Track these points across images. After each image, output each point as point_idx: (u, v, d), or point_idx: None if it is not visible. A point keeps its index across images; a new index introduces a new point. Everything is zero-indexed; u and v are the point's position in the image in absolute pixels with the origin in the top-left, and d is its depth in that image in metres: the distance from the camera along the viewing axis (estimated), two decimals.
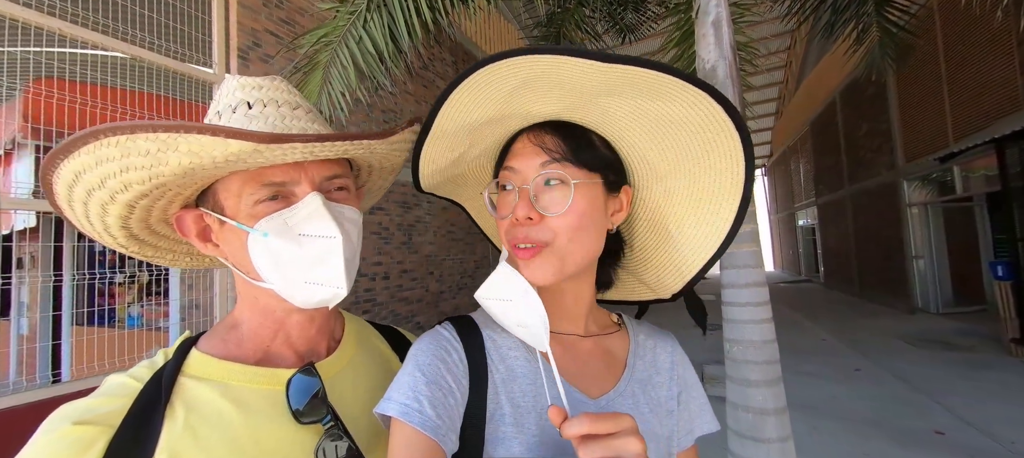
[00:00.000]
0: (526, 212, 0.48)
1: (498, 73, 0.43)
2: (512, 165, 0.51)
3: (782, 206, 19.57)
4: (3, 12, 2.21)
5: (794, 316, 8.47)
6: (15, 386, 2.40)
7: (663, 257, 0.59)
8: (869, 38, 3.30)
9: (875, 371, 4.80)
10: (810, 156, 13.94)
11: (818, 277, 14.53)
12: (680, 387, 0.59)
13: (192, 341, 0.51)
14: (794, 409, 3.61)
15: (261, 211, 0.46)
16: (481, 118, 0.49)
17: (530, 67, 0.43)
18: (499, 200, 0.53)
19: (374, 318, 4.72)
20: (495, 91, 0.46)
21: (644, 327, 0.63)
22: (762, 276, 1.88)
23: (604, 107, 0.49)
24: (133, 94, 2.66)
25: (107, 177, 0.42)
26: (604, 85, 0.45)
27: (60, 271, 3.75)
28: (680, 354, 0.61)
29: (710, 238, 0.55)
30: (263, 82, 0.51)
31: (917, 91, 7.62)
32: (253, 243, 0.47)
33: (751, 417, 1.81)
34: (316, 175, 0.49)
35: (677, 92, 0.45)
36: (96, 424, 0.40)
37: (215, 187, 0.48)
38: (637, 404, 0.54)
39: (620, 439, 0.35)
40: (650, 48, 4.61)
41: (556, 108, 0.49)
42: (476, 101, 0.47)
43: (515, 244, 0.49)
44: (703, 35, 1.94)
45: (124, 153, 0.39)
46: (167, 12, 2.88)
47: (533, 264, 0.48)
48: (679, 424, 0.57)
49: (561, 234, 0.48)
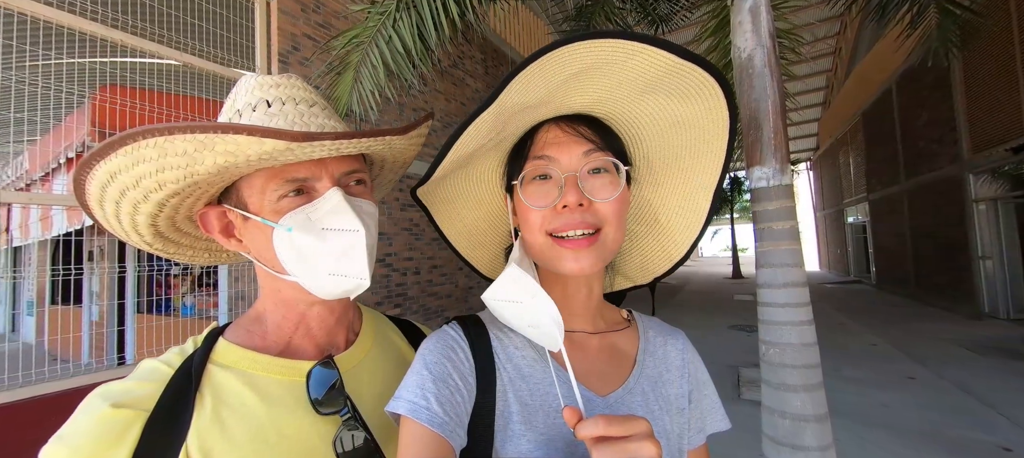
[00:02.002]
0: (577, 198, 0.47)
1: (574, 54, 0.43)
2: (549, 154, 0.50)
3: (829, 202, 18.38)
4: (73, 25, 2.42)
5: (840, 318, 7.97)
6: (86, 367, 2.65)
7: (652, 244, 0.63)
8: (925, 20, 3.03)
9: (932, 380, 4.44)
10: (862, 148, 13.02)
11: (869, 278, 13.59)
12: (691, 385, 0.59)
13: (219, 331, 0.53)
14: (838, 417, 3.42)
15: (285, 206, 0.48)
16: (532, 101, 0.48)
17: (604, 52, 0.43)
18: (532, 190, 0.51)
19: (405, 312, 4.82)
20: (557, 75, 0.45)
21: (654, 324, 0.63)
22: (802, 276, 1.78)
23: (635, 104, 0.51)
24: (185, 98, 2.86)
25: (143, 177, 0.44)
26: (653, 81, 0.47)
27: (124, 263, 4.09)
28: (691, 351, 0.61)
29: (694, 221, 0.59)
30: (280, 80, 0.53)
31: (986, 76, 6.93)
32: (278, 238, 0.48)
33: (788, 423, 1.73)
34: (336, 170, 0.51)
35: (709, 96, 0.48)
36: (132, 408, 0.42)
37: (238, 184, 0.50)
38: (647, 402, 0.54)
39: (635, 442, 0.35)
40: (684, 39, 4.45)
41: (589, 100, 0.51)
42: (541, 81, 0.45)
43: (560, 232, 0.48)
44: (739, 23, 1.85)
45: (161, 153, 0.41)
46: (215, 21, 3.06)
47: (585, 254, 0.48)
48: (690, 422, 0.57)
49: (610, 219, 0.49)
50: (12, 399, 2.21)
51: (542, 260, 0.51)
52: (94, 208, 0.48)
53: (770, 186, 1.77)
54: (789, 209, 1.78)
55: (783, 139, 1.78)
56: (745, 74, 1.82)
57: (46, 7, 2.36)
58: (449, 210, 0.62)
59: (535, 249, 0.51)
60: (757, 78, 1.79)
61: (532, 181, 0.51)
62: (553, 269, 0.50)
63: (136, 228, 0.51)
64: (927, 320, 7.50)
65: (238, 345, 0.51)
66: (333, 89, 3.01)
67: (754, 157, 1.80)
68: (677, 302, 10.54)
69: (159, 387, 0.45)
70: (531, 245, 0.51)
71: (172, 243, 0.57)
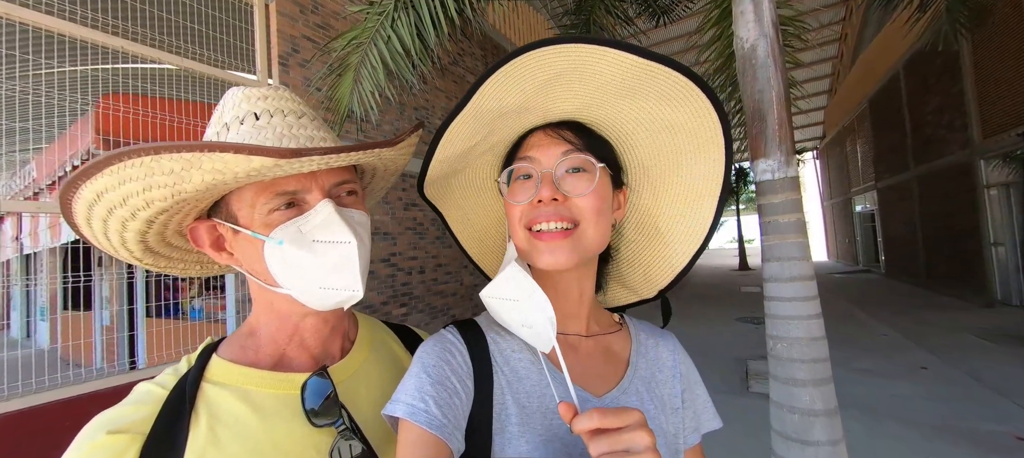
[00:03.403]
0: (551, 193, 0.50)
1: (542, 59, 0.45)
2: (532, 154, 0.53)
3: (836, 191, 18.18)
4: (74, 34, 2.44)
5: (850, 309, 7.89)
6: (99, 372, 2.69)
7: (653, 254, 0.63)
8: (935, 2, 2.97)
9: (944, 369, 4.38)
10: (869, 136, 12.84)
11: (878, 267, 13.44)
12: (684, 385, 0.60)
13: (213, 347, 0.53)
14: (849, 409, 3.39)
15: (276, 220, 0.48)
16: (511, 105, 0.50)
17: (572, 57, 0.45)
18: (516, 188, 0.54)
19: (411, 311, 4.83)
20: (531, 81, 0.47)
21: (644, 326, 0.64)
22: (809, 269, 1.75)
23: (619, 109, 0.52)
24: (186, 104, 2.87)
25: (129, 196, 0.43)
26: (630, 85, 0.48)
27: (132, 269, 4.13)
28: (681, 352, 0.63)
29: (696, 230, 0.59)
30: (268, 92, 0.52)
31: (997, 59, 6.79)
32: (269, 251, 0.48)
33: (797, 418, 1.71)
34: (326, 182, 0.50)
35: (693, 99, 0.49)
36: (128, 432, 0.42)
37: (228, 198, 0.50)
38: (643, 402, 0.55)
39: (629, 432, 0.35)
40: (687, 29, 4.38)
41: (574, 106, 0.53)
42: (515, 86, 0.48)
43: (535, 225, 0.50)
44: (741, 12, 1.81)
45: (148, 172, 0.41)
46: (215, 25, 3.06)
47: (559, 247, 0.49)
48: (685, 422, 0.58)
49: (586, 214, 0.50)
50: (28, 405, 2.25)
51: (524, 256, 0.52)
52: (81, 226, 0.49)
53: (775, 179, 1.74)
54: (795, 202, 1.75)
55: (788, 131, 1.75)
56: (748, 65, 1.79)
57: (47, 16, 2.37)
58: (460, 215, 0.66)
59: (518, 245, 0.53)
60: (760, 69, 1.75)
61: (516, 180, 0.54)
62: (532, 264, 0.52)
63: (125, 244, 0.51)
64: (938, 309, 7.41)
65: (231, 361, 0.51)
66: (333, 91, 3.00)
67: (758, 150, 1.77)
68: (683, 295, 10.49)
69: (154, 409, 0.45)
70: (515, 242, 0.53)
71: (163, 258, 0.56)
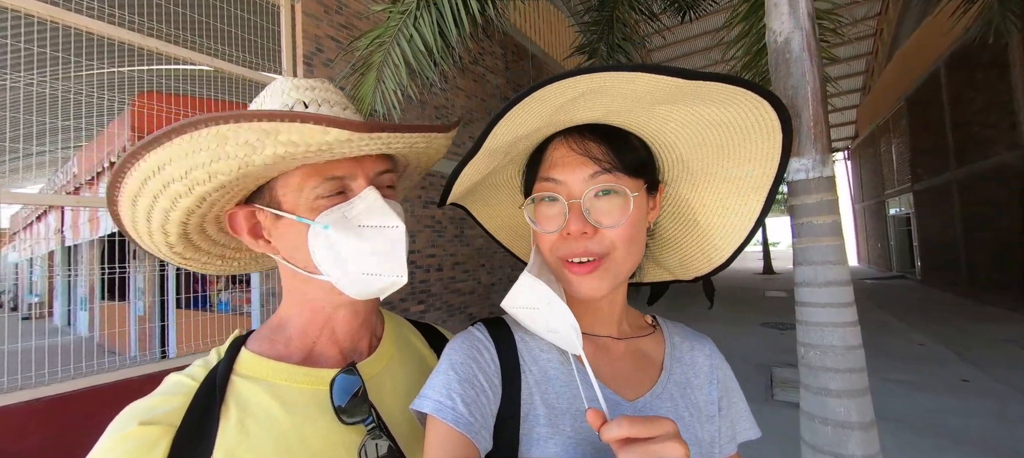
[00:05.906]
0: (581, 227, 0.46)
1: (560, 89, 0.41)
2: (556, 176, 0.49)
3: (869, 193, 17.40)
4: (112, 35, 2.54)
5: (883, 316, 7.54)
6: (132, 360, 2.80)
7: (690, 243, 0.59)
8: None
9: (988, 383, 4.13)
10: (905, 136, 12.24)
11: (913, 273, 12.81)
12: (721, 392, 0.57)
13: (242, 340, 0.53)
14: (883, 422, 3.23)
15: (322, 205, 0.48)
16: (528, 130, 0.47)
17: (596, 81, 0.40)
18: (540, 212, 0.50)
19: (428, 309, 4.86)
20: (549, 105, 0.43)
21: (679, 329, 0.61)
22: (845, 274, 1.67)
23: (652, 113, 0.48)
24: (214, 102, 2.96)
25: (193, 168, 0.42)
26: (668, 95, 0.44)
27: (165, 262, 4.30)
28: (719, 357, 0.60)
29: (740, 225, 0.55)
30: (315, 83, 0.53)
31: None
32: (313, 235, 0.48)
33: (831, 430, 1.63)
34: (371, 170, 0.51)
35: (740, 100, 0.45)
36: (160, 423, 0.42)
37: (272, 184, 0.49)
38: (677, 408, 0.52)
39: (661, 443, 0.34)
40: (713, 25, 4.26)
41: (600, 113, 0.48)
42: (531, 114, 0.44)
43: (568, 259, 0.48)
44: (775, 4, 1.74)
45: (222, 142, 0.40)
46: (243, 26, 3.15)
47: (589, 279, 0.47)
48: (721, 431, 0.55)
49: (619, 246, 0.47)
50: (69, 389, 2.37)
51: (557, 279, 0.50)
52: (124, 206, 0.47)
53: (809, 178, 1.67)
54: (831, 203, 1.67)
55: (824, 128, 1.67)
56: (781, 59, 1.72)
57: (89, 19, 2.48)
58: (486, 210, 0.65)
59: (550, 267, 0.51)
60: (795, 63, 1.68)
61: (541, 202, 0.51)
62: (566, 290, 0.50)
63: (164, 227, 0.50)
64: (982, 318, 7.00)
65: (260, 355, 0.51)
66: (356, 90, 3.04)
67: (792, 147, 1.69)
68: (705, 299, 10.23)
69: (185, 401, 0.45)
70: (546, 262, 0.52)
71: (191, 247, 0.56)
